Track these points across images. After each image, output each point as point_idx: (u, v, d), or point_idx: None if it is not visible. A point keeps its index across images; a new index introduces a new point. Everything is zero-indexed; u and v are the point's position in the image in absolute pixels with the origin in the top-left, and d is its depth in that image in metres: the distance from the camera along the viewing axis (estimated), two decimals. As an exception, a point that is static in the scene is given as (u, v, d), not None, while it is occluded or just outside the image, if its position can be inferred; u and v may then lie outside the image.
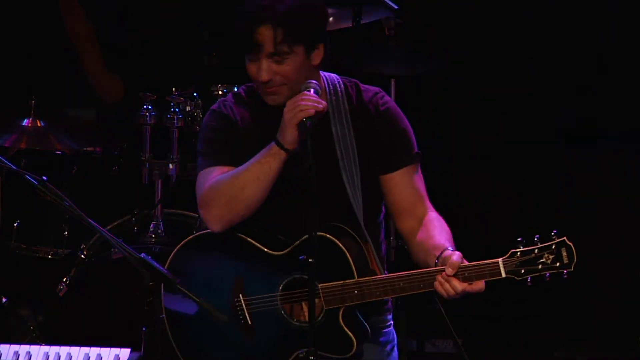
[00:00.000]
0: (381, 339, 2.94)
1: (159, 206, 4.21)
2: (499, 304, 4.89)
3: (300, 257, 2.78)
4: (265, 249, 2.83)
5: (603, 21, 5.33)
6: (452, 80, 5.44)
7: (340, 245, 2.78)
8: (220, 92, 4.31)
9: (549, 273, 2.66)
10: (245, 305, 2.82)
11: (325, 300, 2.76)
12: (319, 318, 2.76)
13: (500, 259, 2.67)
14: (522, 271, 2.67)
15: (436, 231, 2.82)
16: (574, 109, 5.43)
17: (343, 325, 2.76)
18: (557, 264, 2.67)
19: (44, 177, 2.46)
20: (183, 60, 5.02)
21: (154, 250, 4.08)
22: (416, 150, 2.95)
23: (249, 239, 2.84)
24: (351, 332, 2.76)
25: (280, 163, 2.79)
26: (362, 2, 4.49)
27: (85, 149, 4.36)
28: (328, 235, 2.78)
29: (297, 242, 2.79)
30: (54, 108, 4.63)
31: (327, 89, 2.91)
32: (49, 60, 4.93)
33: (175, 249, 2.92)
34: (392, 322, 3.01)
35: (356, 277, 2.77)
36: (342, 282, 2.76)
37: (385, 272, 2.88)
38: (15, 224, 4.17)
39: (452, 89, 5.47)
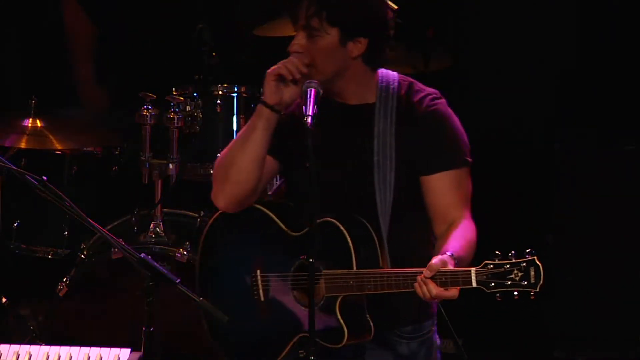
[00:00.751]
0: (412, 346, 2.95)
1: (159, 206, 4.20)
2: (499, 304, 4.89)
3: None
4: (285, 229, 2.85)
5: (603, 21, 5.33)
6: (452, 80, 5.44)
7: (346, 234, 2.78)
8: (220, 92, 4.31)
9: (517, 291, 2.66)
10: (261, 281, 2.87)
11: (326, 287, 2.77)
12: (319, 304, 2.78)
13: (473, 268, 2.67)
14: (492, 284, 2.67)
15: (452, 236, 2.80)
16: (574, 109, 5.42)
17: (338, 315, 2.77)
18: (524, 283, 2.66)
19: (44, 177, 2.46)
20: (183, 60, 5.02)
21: (154, 250, 4.08)
22: (464, 156, 2.92)
23: (273, 216, 2.86)
24: (345, 323, 2.76)
25: (266, 122, 2.81)
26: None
27: (85, 149, 4.36)
28: (337, 223, 2.79)
29: (312, 225, 2.77)
30: (54, 108, 4.63)
31: (379, 85, 2.89)
32: (49, 60, 4.93)
33: (212, 219, 2.99)
34: (433, 328, 3.02)
35: (355, 268, 2.77)
36: (341, 271, 2.77)
37: None
38: (15, 224, 4.17)
39: (451, 88, 5.47)
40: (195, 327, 3.85)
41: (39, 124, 4.25)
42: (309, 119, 2.69)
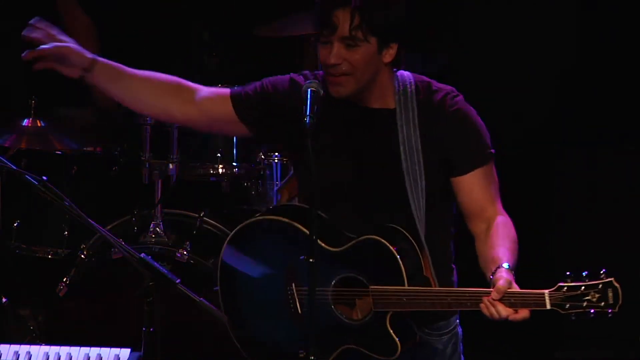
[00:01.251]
0: (441, 341, 2.96)
1: (159, 206, 4.20)
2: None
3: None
4: (323, 244, 2.83)
5: (603, 21, 5.33)
6: (452, 80, 5.44)
7: (394, 251, 2.77)
8: (220, 92, 4.30)
9: (594, 310, 2.68)
10: (297, 294, 2.86)
11: (374, 302, 2.77)
12: (367, 318, 2.79)
13: (546, 291, 2.67)
14: (567, 306, 2.68)
15: (499, 240, 2.80)
16: (574, 109, 5.42)
17: (389, 329, 2.77)
18: (602, 304, 2.69)
19: (44, 177, 2.46)
20: (183, 60, 5.02)
21: (154, 250, 4.08)
22: (488, 150, 2.93)
23: (307, 231, 2.86)
24: (397, 336, 2.77)
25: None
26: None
27: (85, 149, 4.36)
28: (382, 240, 2.78)
29: (353, 242, 2.80)
30: (54, 108, 4.63)
31: (396, 88, 2.90)
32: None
33: (238, 228, 2.95)
34: (457, 321, 3.03)
35: (406, 284, 2.76)
36: (392, 287, 2.76)
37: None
38: (15, 224, 4.17)
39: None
40: (195, 328, 3.88)
41: (39, 124, 4.25)
42: (308, 119, 2.70)
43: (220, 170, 4.33)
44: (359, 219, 2.85)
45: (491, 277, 2.71)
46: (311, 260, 2.60)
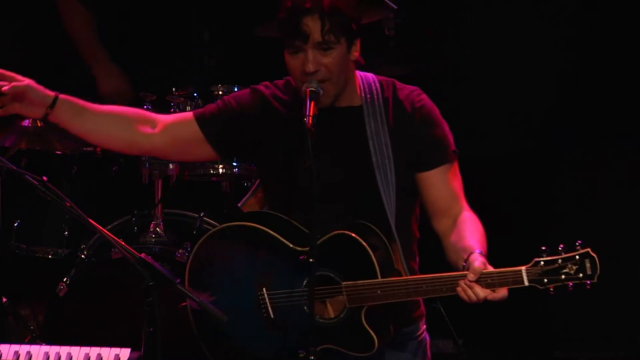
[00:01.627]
0: (411, 347, 2.96)
1: (159, 206, 4.20)
2: (500, 303, 4.88)
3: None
4: (291, 245, 2.84)
5: (603, 21, 5.33)
6: (452, 81, 5.44)
7: (365, 245, 2.78)
8: (220, 92, 4.30)
9: (572, 283, 2.67)
10: (269, 299, 2.85)
11: (349, 299, 2.77)
12: (342, 315, 2.78)
13: (523, 267, 2.68)
14: (545, 280, 2.68)
15: (468, 232, 2.82)
16: (574, 109, 5.42)
17: (365, 324, 2.77)
18: (580, 275, 2.68)
19: (44, 177, 2.46)
20: (183, 60, 5.01)
21: (154, 250, 4.08)
22: (453, 148, 2.96)
23: (274, 233, 2.85)
24: (373, 331, 2.77)
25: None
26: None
27: (85, 149, 4.36)
28: (353, 235, 2.79)
29: (322, 239, 2.79)
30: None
31: (361, 87, 2.92)
32: (48, 60, 4.93)
33: (201, 239, 2.94)
34: (424, 327, 3.02)
35: (379, 277, 2.77)
36: (365, 281, 2.76)
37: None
38: (15, 224, 4.17)
39: (451, 89, 5.47)
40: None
41: (39, 124, 4.24)
42: (309, 120, 2.71)
43: (220, 170, 4.32)
44: (330, 219, 2.84)
45: (464, 263, 2.72)
46: (311, 260, 2.61)
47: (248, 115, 2.96)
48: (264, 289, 2.85)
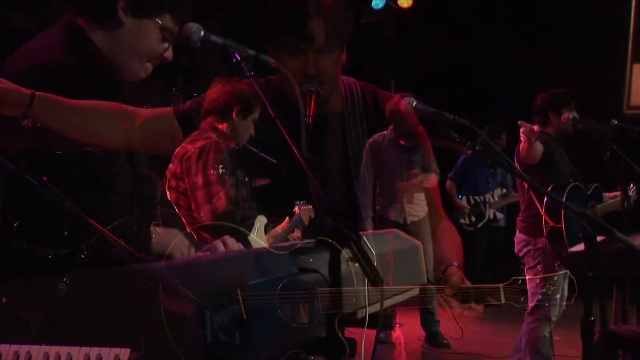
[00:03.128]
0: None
1: (159, 206, 4.20)
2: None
3: (301, 257, 2.79)
4: (266, 245, 2.83)
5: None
6: (452, 80, 5.45)
7: (343, 252, 2.73)
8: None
9: (549, 304, 2.70)
10: (242, 300, 2.83)
11: (322, 305, 2.75)
12: (315, 321, 2.76)
13: (501, 285, 2.69)
14: (522, 299, 2.68)
15: (445, 242, 2.84)
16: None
17: (338, 331, 2.75)
18: (558, 296, 2.69)
19: (44, 177, 2.46)
20: (183, 60, 5.01)
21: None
22: (432, 158, 2.97)
23: (252, 234, 2.85)
24: (345, 339, 2.75)
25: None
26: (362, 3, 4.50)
27: (85, 149, 4.36)
28: (330, 241, 2.76)
29: (300, 244, 2.79)
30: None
31: (344, 92, 2.93)
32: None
33: (176, 239, 2.94)
34: (396, 326, 3.04)
35: (355, 285, 2.76)
36: (341, 288, 2.73)
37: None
38: (15, 224, 4.16)
39: (451, 89, 5.49)
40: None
41: (39, 124, 4.24)
42: (310, 120, 2.71)
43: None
44: (310, 224, 2.84)
45: (441, 275, 2.73)
46: (311, 260, 2.61)
47: None
48: (238, 289, 2.84)
